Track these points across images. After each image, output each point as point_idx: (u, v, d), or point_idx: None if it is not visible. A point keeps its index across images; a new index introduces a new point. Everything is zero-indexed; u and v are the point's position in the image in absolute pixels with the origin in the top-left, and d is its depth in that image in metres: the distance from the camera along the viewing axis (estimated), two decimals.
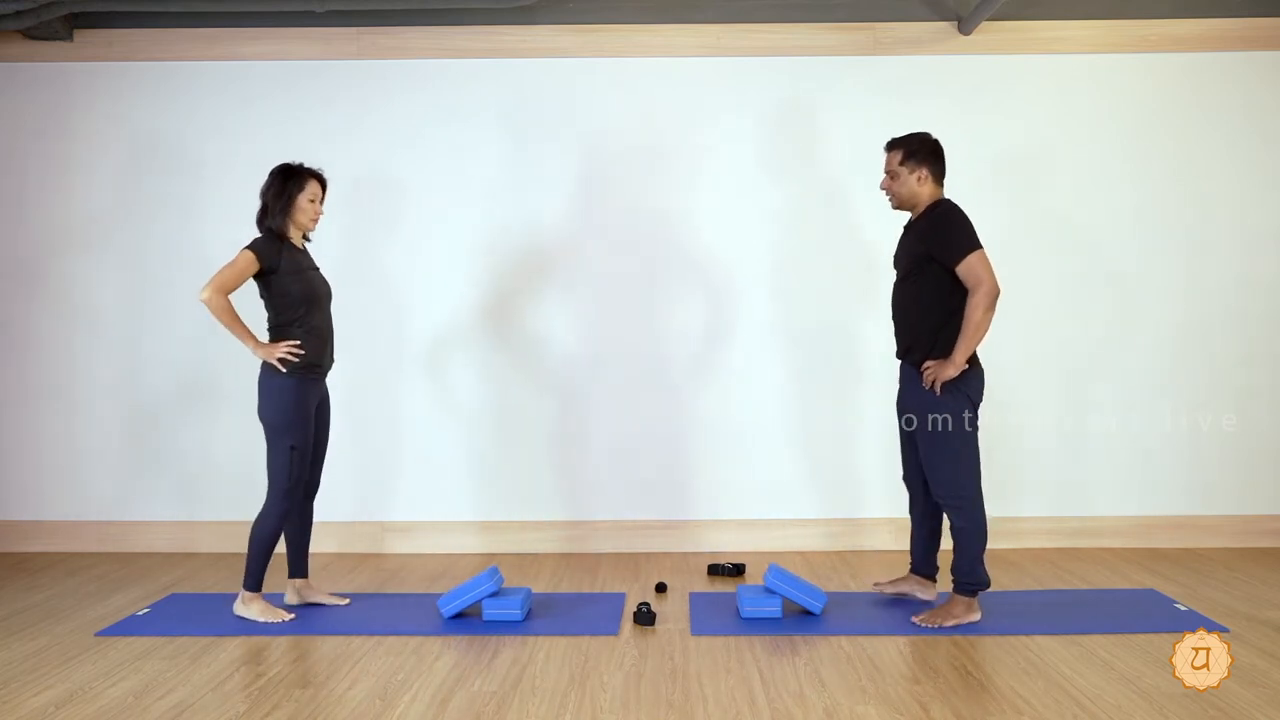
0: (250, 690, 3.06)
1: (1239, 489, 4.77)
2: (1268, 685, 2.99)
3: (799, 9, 4.75)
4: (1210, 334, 4.75)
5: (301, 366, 3.59)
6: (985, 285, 3.40)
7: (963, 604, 3.56)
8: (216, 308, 3.46)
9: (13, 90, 4.81)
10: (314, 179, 3.66)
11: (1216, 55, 4.72)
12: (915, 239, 3.55)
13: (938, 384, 3.46)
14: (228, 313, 3.48)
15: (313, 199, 3.64)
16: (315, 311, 3.64)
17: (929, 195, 3.59)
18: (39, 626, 3.70)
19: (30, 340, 4.84)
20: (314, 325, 3.64)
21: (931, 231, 3.49)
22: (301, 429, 3.60)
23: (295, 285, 3.59)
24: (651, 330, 4.78)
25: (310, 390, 3.64)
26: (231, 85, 4.79)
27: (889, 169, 3.61)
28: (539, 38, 4.75)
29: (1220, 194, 4.74)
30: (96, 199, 4.82)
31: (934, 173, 3.59)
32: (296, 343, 3.58)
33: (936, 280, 3.49)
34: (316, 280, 3.69)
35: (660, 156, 4.76)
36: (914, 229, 3.59)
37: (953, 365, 3.43)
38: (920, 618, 3.57)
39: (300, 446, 3.60)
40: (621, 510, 4.81)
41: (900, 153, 3.58)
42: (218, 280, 3.48)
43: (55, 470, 4.87)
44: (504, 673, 3.18)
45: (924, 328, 3.53)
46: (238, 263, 3.52)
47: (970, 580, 3.54)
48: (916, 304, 3.55)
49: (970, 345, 3.43)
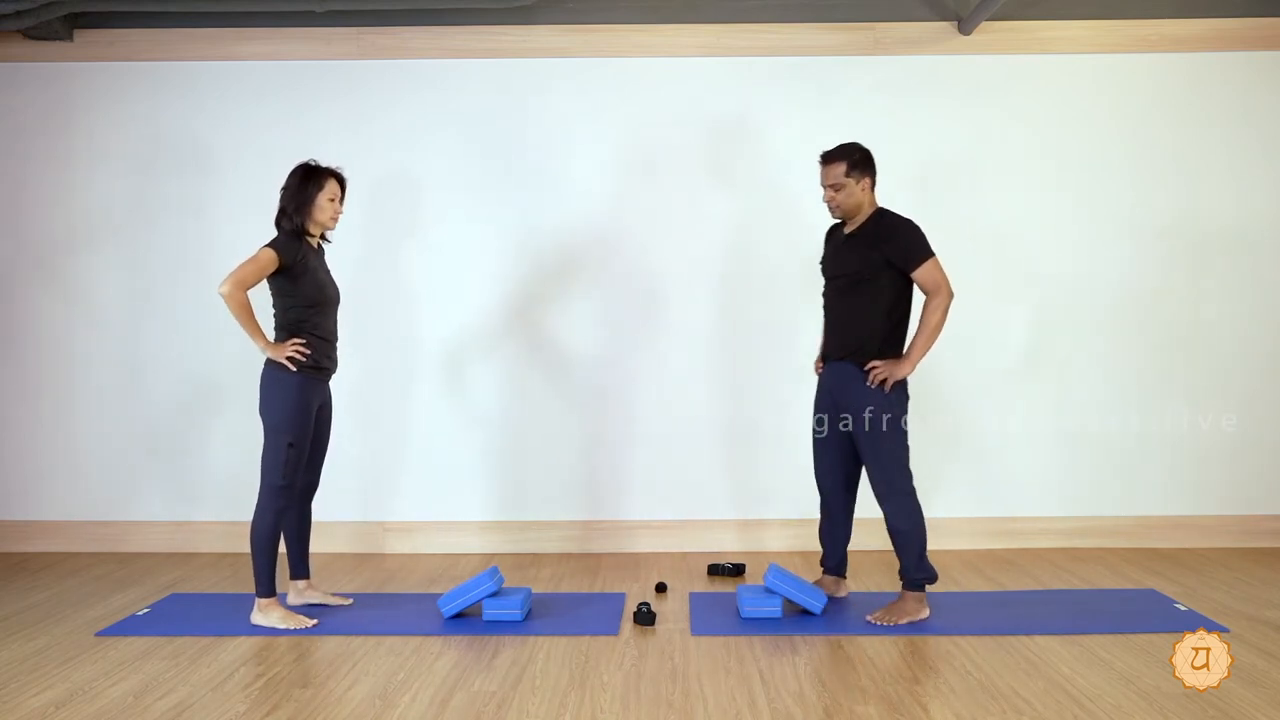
0: (250, 690, 3.06)
1: (1239, 489, 4.77)
2: (1268, 685, 2.99)
3: (799, 9, 4.75)
4: (1210, 334, 4.75)
5: (307, 366, 3.60)
6: (944, 290, 3.55)
7: (914, 600, 3.63)
8: (235, 304, 3.46)
9: (13, 90, 4.81)
10: (333, 178, 3.65)
11: (1216, 55, 4.72)
12: (866, 246, 3.62)
13: (889, 383, 3.55)
14: (245, 309, 3.48)
15: (332, 198, 3.63)
16: (323, 314, 3.66)
17: (870, 203, 3.70)
18: (39, 626, 3.70)
19: (30, 340, 4.84)
20: (321, 327, 3.65)
21: (888, 239, 3.60)
22: (301, 427, 3.61)
23: (308, 287, 3.61)
24: (651, 330, 4.78)
25: (313, 391, 3.64)
26: (231, 85, 4.79)
27: (833, 182, 3.66)
28: (539, 38, 4.75)
29: (1220, 194, 4.74)
30: (96, 199, 4.81)
31: (873, 180, 3.70)
32: (303, 342, 3.59)
33: (889, 286, 3.61)
34: (327, 283, 3.71)
35: (660, 157, 4.76)
36: (862, 236, 3.66)
37: (909, 364, 3.56)
38: (875, 616, 3.62)
39: (298, 445, 3.61)
40: (622, 510, 4.81)
41: (844, 164, 3.64)
42: (238, 275, 3.48)
43: (55, 470, 4.87)
44: (504, 673, 3.18)
45: (873, 331, 3.63)
46: (260, 259, 3.52)
47: (919, 576, 3.62)
48: (866, 309, 3.63)
49: (928, 347, 3.57)
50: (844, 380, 3.68)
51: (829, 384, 3.77)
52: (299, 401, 3.59)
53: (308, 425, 3.63)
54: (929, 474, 4.72)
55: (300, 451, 3.62)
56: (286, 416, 3.58)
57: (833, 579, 3.93)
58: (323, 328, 3.66)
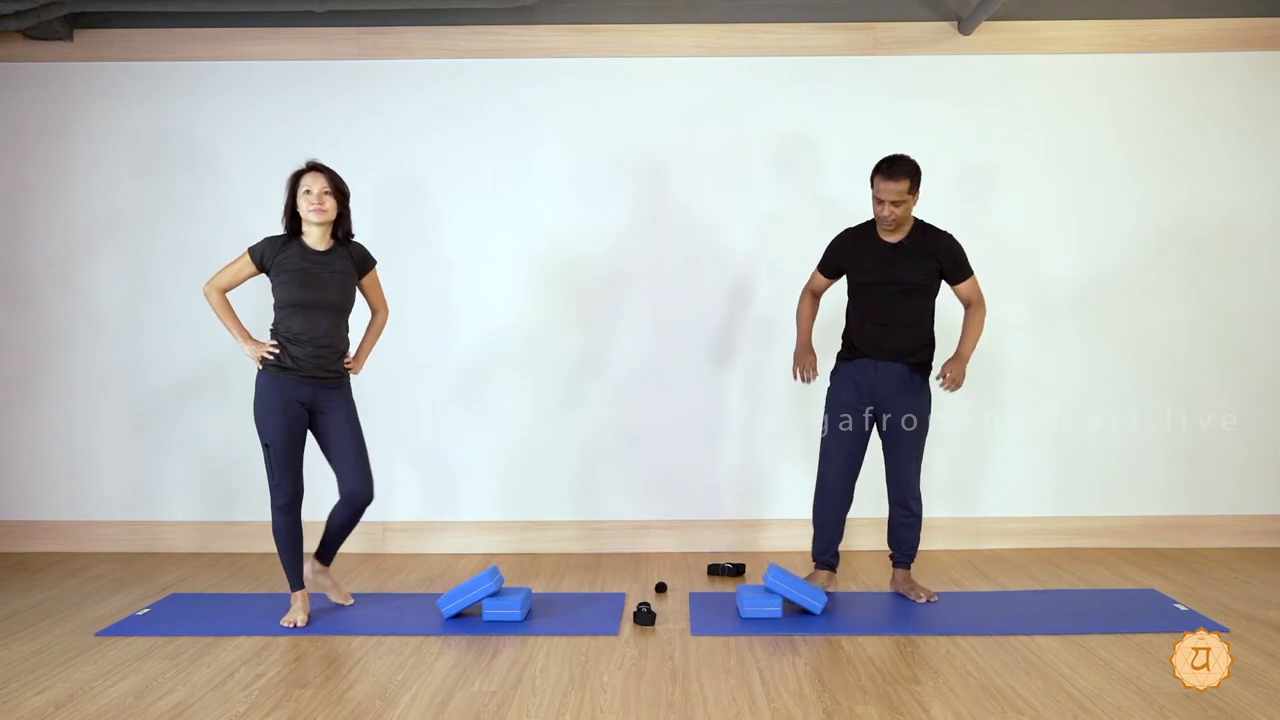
0: (250, 690, 3.06)
1: (1239, 489, 4.77)
2: (1268, 685, 2.99)
3: (799, 9, 4.75)
4: (1210, 334, 4.75)
5: (271, 365, 3.60)
6: (984, 300, 3.89)
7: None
8: (211, 302, 3.66)
9: (13, 90, 4.81)
10: (308, 172, 3.62)
11: (1216, 55, 4.72)
12: (921, 255, 3.79)
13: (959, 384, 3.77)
14: (220, 307, 3.65)
15: (308, 190, 3.58)
16: (296, 316, 3.59)
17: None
18: (39, 626, 3.70)
19: (30, 340, 4.84)
20: (293, 328, 3.59)
21: (944, 252, 3.81)
22: (270, 427, 3.59)
23: (280, 289, 3.60)
24: (651, 330, 4.78)
25: (288, 390, 3.60)
26: (231, 85, 4.79)
27: (898, 198, 3.69)
28: (539, 38, 4.75)
29: (1220, 193, 4.74)
30: (96, 199, 4.81)
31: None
32: (274, 344, 3.61)
33: (934, 294, 3.87)
34: (311, 286, 3.59)
35: (660, 157, 4.76)
36: (915, 246, 3.80)
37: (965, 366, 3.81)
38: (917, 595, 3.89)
39: (272, 444, 3.60)
40: (621, 510, 4.81)
41: (908, 181, 3.70)
42: (216, 275, 3.67)
43: (55, 470, 4.87)
44: (504, 673, 3.18)
45: (928, 336, 3.87)
46: (236, 260, 3.67)
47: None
48: (922, 314, 3.85)
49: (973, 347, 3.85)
50: (894, 380, 3.83)
51: (870, 382, 3.84)
52: (266, 402, 3.60)
53: (279, 426, 3.59)
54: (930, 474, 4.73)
55: (278, 451, 3.60)
56: (258, 416, 3.62)
57: (827, 573, 3.98)
58: (292, 329, 3.60)
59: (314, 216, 3.59)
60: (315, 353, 3.62)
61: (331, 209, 3.61)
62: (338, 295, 3.67)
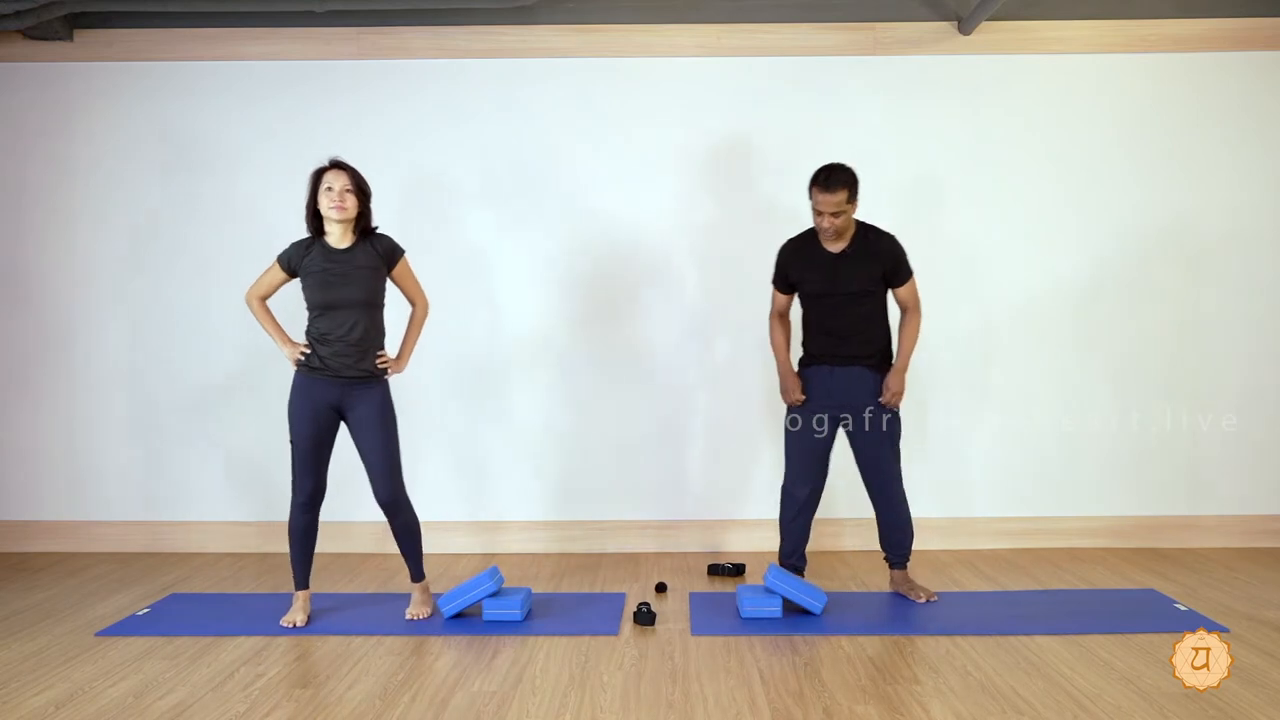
0: (250, 690, 3.06)
1: (1239, 489, 4.77)
2: (1268, 685, 2.99)
3: (799, 9, 4.75)
4: (1210, 334, 4.75)
5: (306, 366, 3.63)
6: (920, 305, 3.93)
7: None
8: (251, 309, 3.75)
9: (13, 90, 4.81)
10: (329, 169, 3.62)
11: (1216, 55, 4.72)
12: (866, 261, 3.80)
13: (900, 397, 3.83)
14: (260, 314, 3.73)
15: (328, 188, 3.59)
16: (323, 316, 3.62)
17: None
18: (39, 626, 3.70)
19: (30, 340, 4.84)
20: (320, 329, 3.62)
21: (886, 256, 3.82)
22: (296, 426, 3.63)
23: (306, 291, 3.64)
24: (651, 330, 4.78)
25: (316, 391, 3.62)
26: (232, 85, 4.79)
27: (837, 209, 3.71)
28: (539, 38, 4.75)
29: (1220, 194, 4.73)
30: (97, 199, 4.81)
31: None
32: (306, 345, 3.64)
33: (883, 296, 3.89)
34: (333, 286, 3.60)
35: (659, 156, 4.76)
36: (858, 253, 3.80)
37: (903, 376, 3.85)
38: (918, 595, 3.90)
39: (295, 443, 3.63)
40: (621, 510, 4.81)
41: (846, 191, 3.71)
42: (253, 285, 3.76)
43: (56, 470, 4.87)
44: (504, 673, 3.18)
45: (883, 338, 3.90)
46: (267, 270, 3.75)
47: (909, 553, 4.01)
48: (875, 318, 3.87)
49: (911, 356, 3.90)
50: (854, 383, 3.84)
51: (835, 385, 3.86)
52: (295, 402, 3.65)
53: (303, 426, 3.62)
54: (930, 474, 4.73)
55: (299, 451, 3.63)
56: (289, 414, 3.67)
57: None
58: (320, 329, 3.62)
59: (334, 214, 3.58)
60: (343, 351, 3.62)
61: (352, 207, 3.60)
62: (362, 292, 3.63)
